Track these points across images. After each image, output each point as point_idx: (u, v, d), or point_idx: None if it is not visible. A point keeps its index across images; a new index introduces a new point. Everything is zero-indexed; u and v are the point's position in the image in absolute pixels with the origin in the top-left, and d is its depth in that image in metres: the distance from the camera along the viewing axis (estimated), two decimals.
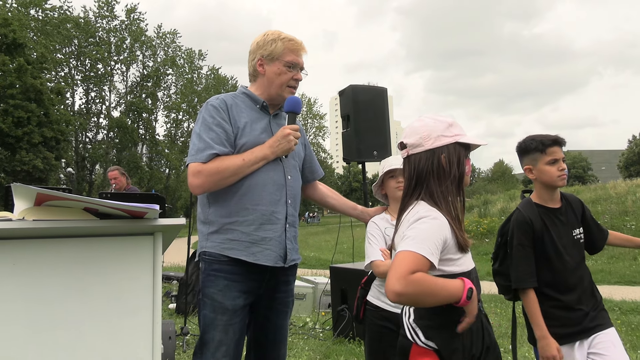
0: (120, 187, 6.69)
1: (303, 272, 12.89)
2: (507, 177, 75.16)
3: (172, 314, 6.51)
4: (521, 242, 2.33)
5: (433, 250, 1.43)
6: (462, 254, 1.55)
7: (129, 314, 1.59)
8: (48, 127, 30.09)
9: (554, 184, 2.33)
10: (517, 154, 2.48)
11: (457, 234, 1.52)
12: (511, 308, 7.25)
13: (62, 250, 1.54)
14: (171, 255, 11.87)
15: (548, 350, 2.23)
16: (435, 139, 1.59)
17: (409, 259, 1.40)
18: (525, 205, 2.41)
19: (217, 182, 2.06)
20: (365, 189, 5.11)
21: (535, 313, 2.28)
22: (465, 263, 1.57)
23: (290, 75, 2.24)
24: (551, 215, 2.37)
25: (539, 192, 2.41)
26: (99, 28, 42.83)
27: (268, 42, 2.24)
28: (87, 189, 40.62)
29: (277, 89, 2.25)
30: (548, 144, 2.32)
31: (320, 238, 29.60)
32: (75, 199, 1.47)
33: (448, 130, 1.59)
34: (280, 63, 2.23)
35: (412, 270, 1.37)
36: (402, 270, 1.37)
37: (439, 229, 1.49)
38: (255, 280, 2.13)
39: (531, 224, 2.33)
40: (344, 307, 5.09)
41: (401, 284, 1.35)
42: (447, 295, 1.43)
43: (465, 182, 1.61)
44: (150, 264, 1.63)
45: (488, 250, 18.40)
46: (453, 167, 1.57)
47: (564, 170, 2.32)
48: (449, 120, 1.62)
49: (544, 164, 2.32)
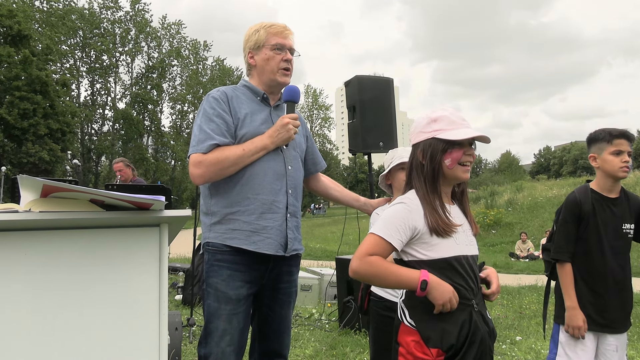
0: (126, 178, 6.70)
1: (309, 263, 12.94)
2: (514, 168, 74.86)
3: (178, 305, 6.56)
4: (565, 218, 2.48)
5: (393, 233, 1.58)
6: (440, 238, 1.61)
7: (136, 305, 1.60)
8: (54, 119, 30.21)
9: (615, 174, 2.42)
10: (586, 144, 2.60)
11: (430, 218, 1.60)
12: (518, 300, 7.29)
13: (68, 242, 1.56)
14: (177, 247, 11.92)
15: (575, 320, 2.38)
16: (416, 135, 1.74)
17: (369, 241, 1.59)
18: (581, 188, 2.54)
19: (218, 172, 2.07)
20: (371, 180, 5.12)
21: (569, 284, 2.43)
22: (444, 249, 1.61)
23: (279, 58, 2.26)
24: (603, 203, 2.46)
25: (599, 180, 2.51)
26: (104, 19, 42.86)
27: (252, 33, 2.29)
28: (93, 181, 40.87)
29: (270, 75, 2.26)
30: (615, 134, 2.42)
31: (326, 229, 29.68)
32: (82, 190, 1.48)
33: (428, 126, 1.70)
34: (267, 48, 2.25)
35: (369, 252, 1.57)
36: (361, 250, 1.58)
37: (406, 213, 1.61)
38: (258, 270, 2.15)
39: (579, 205, 2.45)
40: (350, 298, 5.11)
41: (356, 263, 1.58)
42: (396, 281, 1.58)
43: (454, 175, 1.67)
44: (156, 255, 1.64)
45: (495, 241, 18.39)
46: (426, 162, 1.67)
47: (627, 163, 2.40)
48: (435, 115, 1.70)
49: (608, 154, 2.43)
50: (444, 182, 1.71)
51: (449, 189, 1.75)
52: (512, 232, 19.24)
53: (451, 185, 1.75)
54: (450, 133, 1.66)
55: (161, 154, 47.43)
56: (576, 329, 2.37)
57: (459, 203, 1.78)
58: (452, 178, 1.69)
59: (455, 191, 1.78)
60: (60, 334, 1.52)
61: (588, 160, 2.55)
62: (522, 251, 15.55)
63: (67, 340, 1.52)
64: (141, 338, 1.60)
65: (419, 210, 1.62)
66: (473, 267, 1.67)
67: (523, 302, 7.11)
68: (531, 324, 5.58)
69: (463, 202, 1.78)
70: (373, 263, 1.56)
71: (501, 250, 16.95)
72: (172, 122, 49.41)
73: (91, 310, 1.55)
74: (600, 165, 2.46)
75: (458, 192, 1.78)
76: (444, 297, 1.55)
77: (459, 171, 1.67)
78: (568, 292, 2.42)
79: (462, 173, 1.67)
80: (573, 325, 2.38)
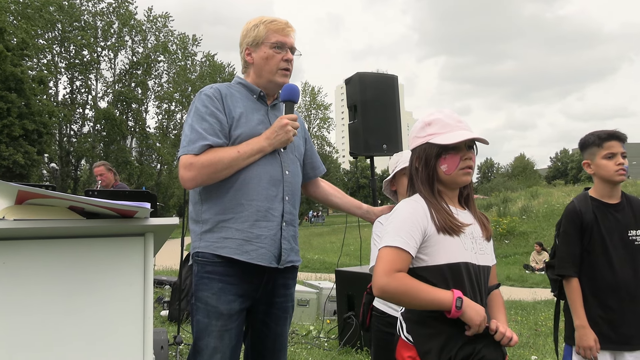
0: (108, 183, 6.70)
1: (306, 276, 12.92)
2: (528, 173, 75.02)
3: (164, 321, 6.54)
4: (567, 230, 2.49)
5: (409, 241, 1.59)
6: (448, 238, 1.63)
7: (118, 322, 1.60)
8: (29, 119, 30.19)
9: (612, 179, 2.44)
10: (579, 150, 2.62)
11: (437, 216, 1.63)
12: (533, 316, 7.28)
13: (45, 253, 1.55)
14: (163, 258, 11.91)
15: (585, 340, 2.36)
16: (412, 140, 1.79)
17: (389, 255, 1.58)
18: (580, 197, 2.55)
19: (210, 176, 2.07)
20: (374, 185, 5.12)
21: (576, 301, 2.41)
22: (451, 253, 1.63)
23: (279, 57, 2.26)
24: (605, 210, 2.47)
25: (597, 186, 2.53)
26: (85, 11, 42.87)
27: (250, 29, 2.29)
28: (72, 186, 40.78)
29: (269, 75, 2.27)
30: (604, 137, 2.45)
31: (324, 239, 29.64)
32: (60, 196, 1.48)
33: (422, 130, 1.75)
34: (266, 46, 2.26)
35: (395, 267, 1.56)
36: (384, 267, 1.56)
37: (414, 215, 1.64)
38: (251, 282, 2.14)
39: (580, 215, 2.46)
40: (351, 314, 5.10)
41: (384, 280, 1.55)
42: (428, 300, 1.55)
43: (452, 180, 1.70)
44: (140, 267, 1.64)
45: (508, 252, 18.40)
46: (421, 168, 1.73)
47: (622, 165, 2.41)
48: (429, 118, 1.75)
49: (601, 158, 2.45)
50: (445, 187, 1.73)
51: (453, 193, 1.76)
52: (526, 242, 19.25)
53: (455, 190, 1.76)
54: (443, 137, 1.68)
55: (146, 157, 47.37)
56: (587, 350, 2.35)
57: (467, 207, 1.80)
58: (451, 183, 1.71)
59: (461, 194, 1.79)
60: (37, 350, 1.51)
61: None
62: (538, 263, 15.53)
63: (44, 358, 1.52)
64: (124, 357, 1.59)
65: (426, 210, 1.65)
66: (481, 278, 1.68)
67: (538, 318, 7.10)
68: (547, 342, 5.57)
69: (470, 205, 1.80)
70: (402, 280, 1.55)
71: (515, 261, 16.95)
72: (158, 122, 49.39)
73: (70, 326, 1.55)
74: (595, 171, 2.49)
75: (464, 195, 1.80)
76: (479, 315, 1.56)
77: (458, 175, 1.69)
78: (576, 309, 2.40)
79: (462, 176, 1.70)
80: (584, 345, 2.36)
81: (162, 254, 2.55)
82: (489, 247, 1.77)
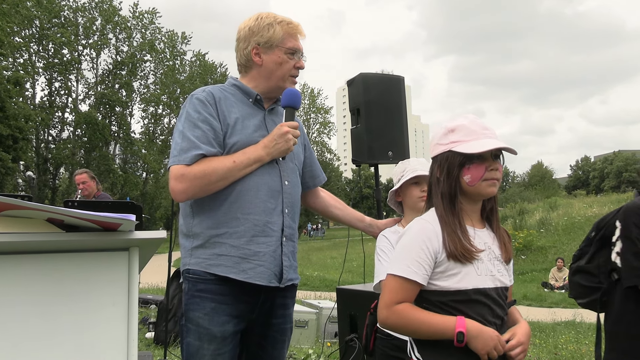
0: (89, 193, 6.72)
1: (305, 294, 12.89)
2: (547, 182, 75.05)
3: (149, 344, 6.52)
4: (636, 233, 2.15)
5: (415, 269, 1.62)
6: (459, 266, 1.64)
7: (99, 345, 1.59)
8: (4, 124, 30.22)
9: None
10: None
11: (449, 241, 1.63)
12: (552, 339, 7.26)
13: (20, 269, 1.55)
14: (149, 275, 11.88)
15: None
16: (434, 147, 1.79)
17: (390, 285, 1.65)
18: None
19: (203, 188, 2.07)
20: (379, 196, 5.11)
21: None
22: (463, 279, 1.64)
23: (292, 64, 2.28)
24: None
25: None
26: (65, 7, 43.08)
27: (264, 27, 2.25)
28: (50, 196, 40.78)
29: (278, 81, 2.28)
30: None
31: (325, 254, 29.60)
32: (37, 208, 1.48)
33: (445, 137, 1.74)
34: (281, 51, 2.25)
35: (395, 299, 1.63)
36: (386, 299, 1.65)
37: (425, 239, 1.65)
38: (247, 302, 2.14)
39: None
40: (354, 336, 5.07)
41: (383, 314, 1.65)
42: (429, 332, 1.62)
43: (477, 192, 1.70)
44: (124, 284, 1.64)
45: (525, 269, 18.37)
46: (443, 178, 1.72)
47: None
48: (452, 124, 1.74)
49: None
50: (467, 200, 1.72)
51: (476, 206, 1.76)
52: (544, 257, 19.23)
53: (478, 203, 1.76)
54: (468, 145, 1.67)
55: (131, 165, 47.39)
56: None
57: (488, 223, 1.79)
58: (475, 194, 1.71)
59: (484, 207, 1.79)
60: None
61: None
62: (558, 280, 15.47)
63: None
64: None
65: (438, 234, 1.65)
66: (497, 301, 1.68)
67: (558, 342, 7.09)
68: None
69: (492, 221, 1.79)
70: (401, 313, 1.62)
71: (532, 279, 16.92)
72: (144, 127, 49.47)
73: (46, 351, 1.54)
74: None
75: (487, 209, 1.79)
76: (487, 345, 1.58)
77: (482, 186, 1.68)
78: None
79: (486, 188, 1.69)
80: None
81: (148, 270, 2.54)
82: (507, 269, 1.76)
